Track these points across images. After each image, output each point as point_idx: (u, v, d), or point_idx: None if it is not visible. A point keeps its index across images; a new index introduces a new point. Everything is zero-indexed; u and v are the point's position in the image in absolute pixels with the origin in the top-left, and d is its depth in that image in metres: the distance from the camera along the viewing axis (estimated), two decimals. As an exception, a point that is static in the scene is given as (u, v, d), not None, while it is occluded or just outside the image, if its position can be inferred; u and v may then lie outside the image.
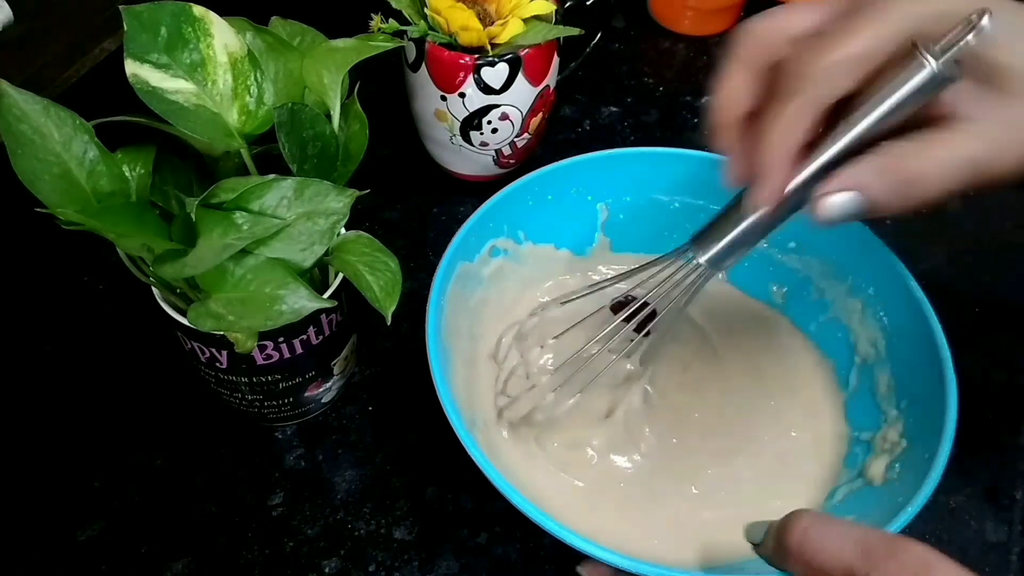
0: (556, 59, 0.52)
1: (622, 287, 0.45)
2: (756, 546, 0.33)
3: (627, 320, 0.41)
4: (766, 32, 0.33)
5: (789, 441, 0.45)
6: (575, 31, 0.50)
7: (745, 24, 0.33)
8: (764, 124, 0.32)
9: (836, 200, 0.31)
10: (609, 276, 0.47)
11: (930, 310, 0.41)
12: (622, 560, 0.32)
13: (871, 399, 0.44)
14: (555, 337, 0.45)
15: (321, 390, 0.44)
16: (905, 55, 0.30)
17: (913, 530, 0.33)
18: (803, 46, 0.31)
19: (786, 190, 0.33)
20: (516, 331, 0.47)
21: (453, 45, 0.49)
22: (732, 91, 0.34)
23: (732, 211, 0.36)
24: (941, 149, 0.31)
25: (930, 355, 0.40)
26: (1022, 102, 0.30)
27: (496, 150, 0.54)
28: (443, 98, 0.51)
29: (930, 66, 0.29)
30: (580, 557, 0.33)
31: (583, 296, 0.45)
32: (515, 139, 0.54)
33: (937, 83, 0.30)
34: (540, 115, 0.54)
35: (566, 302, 0.46)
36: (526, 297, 0.49)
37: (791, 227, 0.47)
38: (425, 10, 0.49)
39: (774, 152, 0.31)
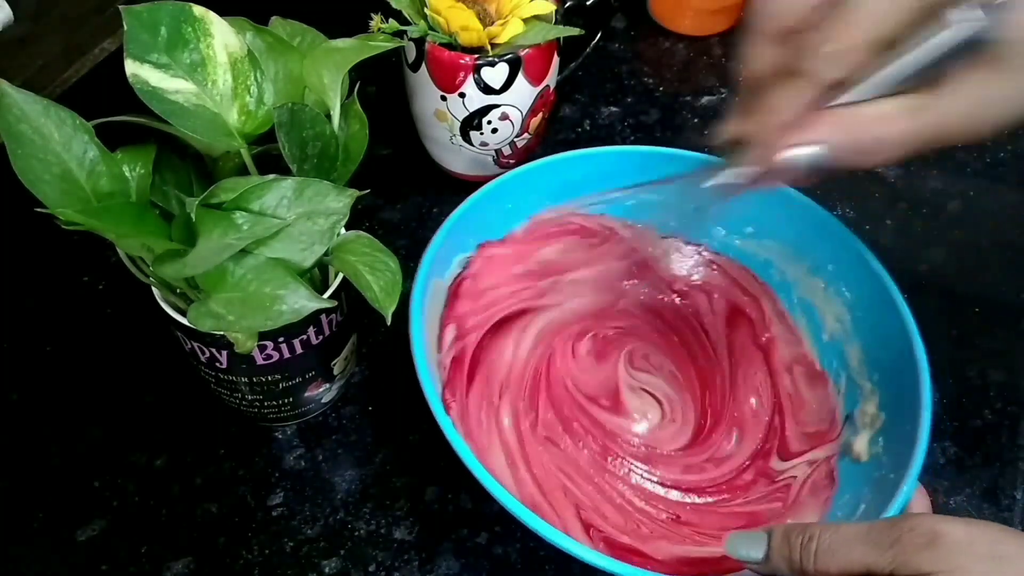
0: (556, 59, 0.52)
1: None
2: (747, 562, 0.33)
3: None
4: (779, 3, 0.32)
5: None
6: (575, 31, 0.50)
7: None
8: (768, 97, 0.32)
9: (800, 152, 0.32)
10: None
11: (890, 282, 0.42)
12: (616, 566, 0.32)
13: (846, 375, 0.44)
14: None
15: (321, 390, 0.44)
16: (927, 15, 0.29)
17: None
18: (814, 24, 0.31)
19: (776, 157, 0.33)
20: None
21: (453, 45, 0.49)
22: (753, 59, 0.34)
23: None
24: (910, 121, 0.31)
25: (895, 326, 0.41)
26: (1007, 80, 0.30)
27: (496, 150, 0.54)
28: (443, 98, 0.51)
29: (967, 21, 0.29)
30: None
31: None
32: (515, 139, 0.54)
33: (964, 45, 0.29)
34: (540, 115, 0.54)
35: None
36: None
37: (747, 213, 0.48)
38: (425, 10, 0.48)
39: (760, 128, 0.33)
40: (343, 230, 0.38)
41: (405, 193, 0.58)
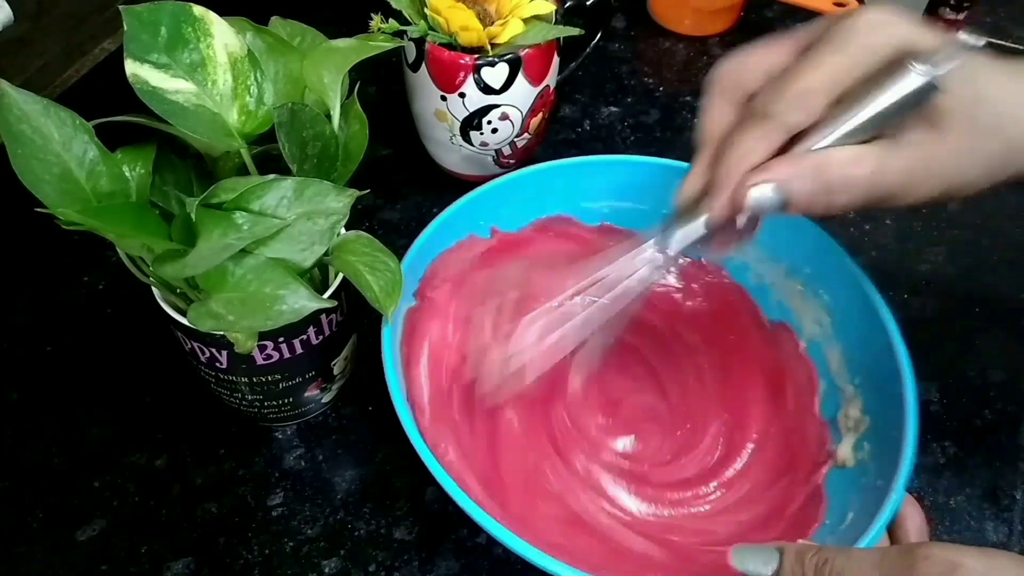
0: (556, 59, 0.52)
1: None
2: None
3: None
4: (740, 68, 0.35)
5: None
6: (575, 31, 0.50)
7: (721, 61, 0.36)
8: (725, 147, 0.35)
9: (757, 191, 0.33)
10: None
11: (869, 284, 0.42)
12: None
13: (827, 378, 0.44)
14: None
15: (321, 390, 0.44)
16: (869, 76, 0.32)
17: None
18: (769, 83, 0.34)
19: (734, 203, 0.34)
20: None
21: (453, 45, 0.49)
22: (712, 118, 0.37)
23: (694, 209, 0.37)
24: (877, 162, 0.32)
25: (875, 329, 0.41)
26: (947, 144, 0.32)
27: (496, 150, 0.54)
28: (443, 98, 0.51)
29: (915, 73, 0.31)
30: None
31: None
32: (515, 139, 0.54)
33: (918, 96, 0.31)
34: (540, 115, 0.54)
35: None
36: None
37: None
38: (425, 10, 0.49)
39: (729, 171, 0.34)
40: (343, 230, 0.38)
41: (405, 193, 0.58)
